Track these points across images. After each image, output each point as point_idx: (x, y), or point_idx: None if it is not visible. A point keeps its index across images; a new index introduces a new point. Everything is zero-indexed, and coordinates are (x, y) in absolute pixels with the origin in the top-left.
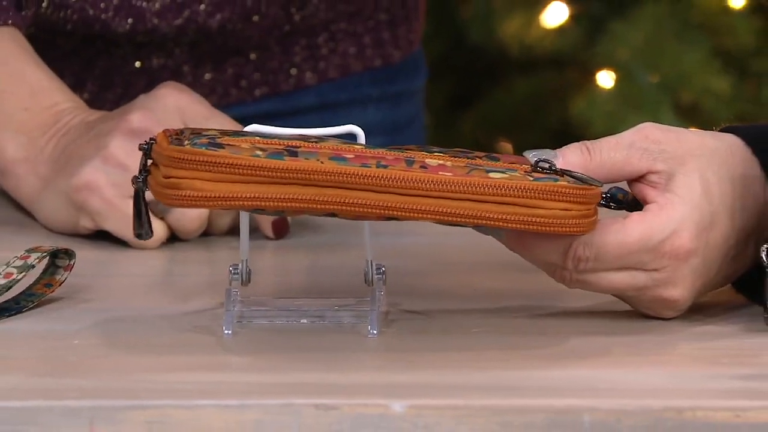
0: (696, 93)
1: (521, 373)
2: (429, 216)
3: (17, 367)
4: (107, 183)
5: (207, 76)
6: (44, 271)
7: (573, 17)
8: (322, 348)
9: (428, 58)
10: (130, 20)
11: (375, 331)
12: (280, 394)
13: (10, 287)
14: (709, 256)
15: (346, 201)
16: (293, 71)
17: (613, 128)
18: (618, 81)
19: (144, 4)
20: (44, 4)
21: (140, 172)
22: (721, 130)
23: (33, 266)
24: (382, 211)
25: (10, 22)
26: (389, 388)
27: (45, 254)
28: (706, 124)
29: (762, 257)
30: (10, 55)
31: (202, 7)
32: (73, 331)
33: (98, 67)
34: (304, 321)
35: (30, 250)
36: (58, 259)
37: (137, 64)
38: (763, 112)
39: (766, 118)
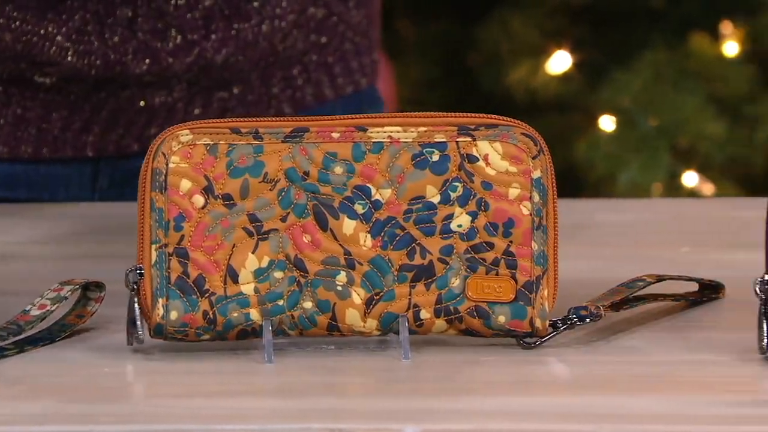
0: (692, 137)
1: (530, 399)
2: (395, 121)
3: (51, 394)
4: None
5: (196, 111)
6: (76, 303)
7: (576, 65)
8: (345, 375)
9: (439, 102)
10: (147, 61)
11: (407, 357)
12: (301, 418)
13: (44, 318)
14: None
15: (320, 118)
16: (273, 102)
17: (614, 170)
18: (619, 125)
19: (159, 44)
20: (69, 53)
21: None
22: None
23: (66, 298)
24: (352, 121)
25: None
26: (403, 413)
27: (77, 287)
28: (702, 167)
29: (756, 290)
30: None
31: (210, 44)
32: (104, 359)
33: (105, 110)
34: (332, 347)
35: (63, 283)
36: (90, 291)
37: (141, 103)
38: (756, 155)
39: (759, 161)
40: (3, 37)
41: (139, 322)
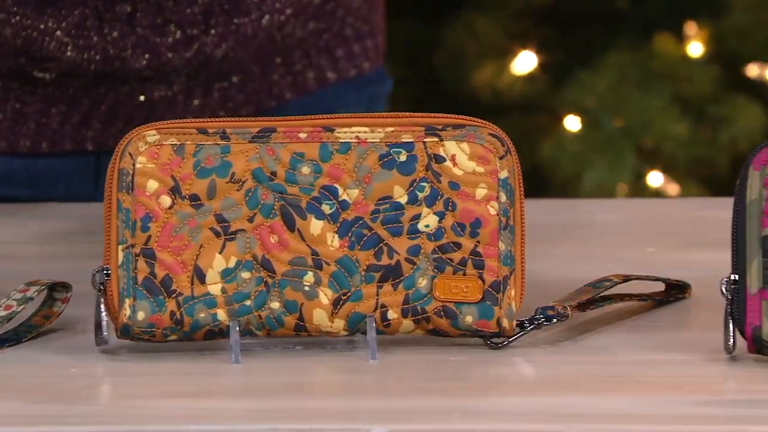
0: (657, 137)
1: (497, 399)
2: (362, 121)
3: (17, 395)
4: None
5: (196, 102)
6: (42, 304)
7: (541, 65)
8: (312, 375)
9: (404, 102)
10: (146, 56)
11: (375, 358)
12: (267, 419)
13: (11, 318)
14: None
15: (287, 119)
16: (274, 89)
17: (579, 170)
18: (584, 126)
19: (158, 39)
20: (69, 48)
21: (98, 289)
22: None
23: (32, 299)
24: (319, 121)
25: None
26: (370, 413)
27: (43, 287)
28: (666, 167)
29: (722, 290)
30: None
31: (209, 38)
32: (70, 360)
33: (105, 104)
34: (299, 347)
35: (29, 284)
36: (56, 292)
37: (141, 98)
38: (720, 156)
39: (723, 161)
40: (2, 32)
41: (105, 323)
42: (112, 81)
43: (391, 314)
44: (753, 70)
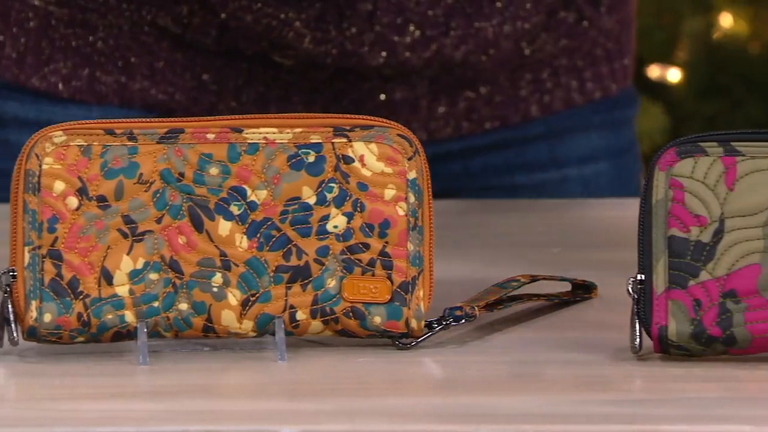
0: None
1: (405, 400)
2: (271, 122)
3: None
4: None
5: (441, 109)
6: None
7: None
8: (221, 377)
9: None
10: (383, 54)
11: (283, 359)
12: (176, 421)
13: None
14: None
15: (195, 119)
16: (521, 105)
17: None
18: None
19: (397, 38)
20: (307, 39)
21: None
22: None
23: None
24: (227, 122)
25: None
26: (280, 414)
27: None
28: None
29: (628, 290)
30: None
31: (449, 40)
32: None
33: (346, 99)
34: (207, 349)
35: None
36: None
37: (382, 96)
38: None
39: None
40: (244, 17)
41: (13, 325)
42: (354, 77)
43: (300, 315)
44: (654, 71)
